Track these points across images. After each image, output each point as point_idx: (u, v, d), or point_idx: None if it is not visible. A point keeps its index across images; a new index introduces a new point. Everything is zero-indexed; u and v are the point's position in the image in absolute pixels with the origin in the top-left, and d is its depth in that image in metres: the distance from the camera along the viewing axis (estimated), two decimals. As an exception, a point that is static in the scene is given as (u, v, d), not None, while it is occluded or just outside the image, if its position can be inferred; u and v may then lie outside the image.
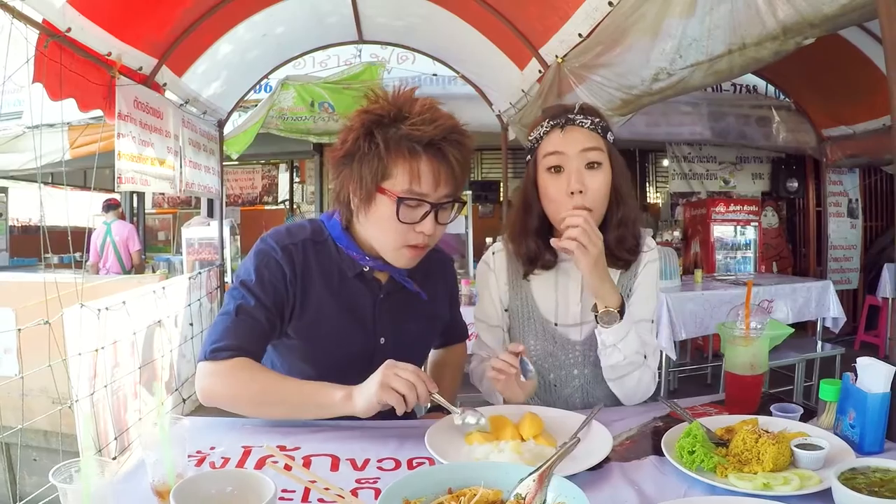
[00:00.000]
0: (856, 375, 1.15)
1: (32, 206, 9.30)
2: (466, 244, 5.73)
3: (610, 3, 2.97)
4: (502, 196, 6.19)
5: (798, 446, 1.03)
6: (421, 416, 1.48)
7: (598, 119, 1.39)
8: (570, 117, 1.37)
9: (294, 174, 9.56)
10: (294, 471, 0.93)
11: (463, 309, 3.62)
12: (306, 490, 0.94)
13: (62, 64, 2.79)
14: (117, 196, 6.98)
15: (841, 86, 5.28)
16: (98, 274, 6.01)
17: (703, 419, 1.15)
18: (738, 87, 6.59)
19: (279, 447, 1.10)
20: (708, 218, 6.38)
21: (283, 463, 0.97)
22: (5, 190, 7.68)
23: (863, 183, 6.84)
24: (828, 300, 4.52)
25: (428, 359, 1.71)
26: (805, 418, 1.24)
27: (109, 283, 3.78)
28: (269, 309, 1.26)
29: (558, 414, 1.25)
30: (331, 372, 1.20)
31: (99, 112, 3.40)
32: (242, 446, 1.13)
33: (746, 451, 1.02)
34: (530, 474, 0.83)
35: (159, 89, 3.98)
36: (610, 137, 1.39)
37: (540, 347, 1.47)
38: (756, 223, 6.43)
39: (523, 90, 4.51)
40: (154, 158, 3.85)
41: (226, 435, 1.19)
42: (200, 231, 5.89)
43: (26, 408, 2.62)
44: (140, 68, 3.69)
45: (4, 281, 3.83)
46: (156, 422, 0.90)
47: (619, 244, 1.41)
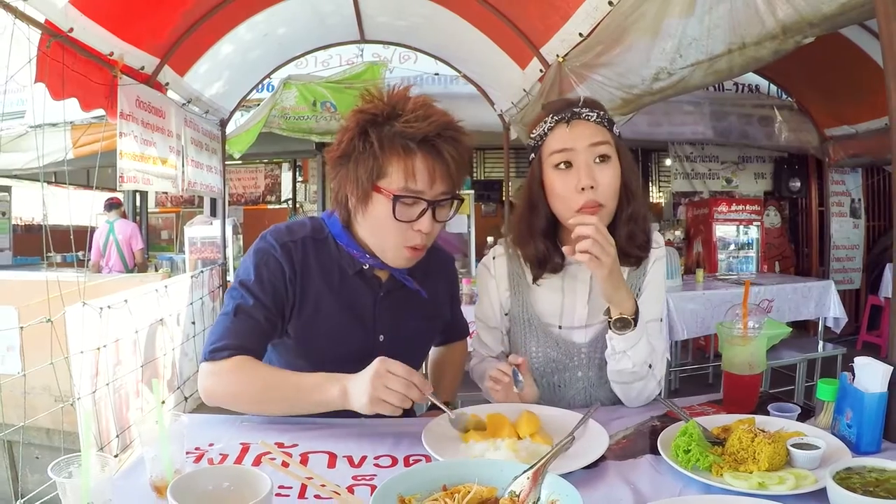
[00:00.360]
0: (853, 375, 1.15)
1: (35, 206, 9.30)
2: (469, 243, 5.74)
3: (610, 3, 2.97)
4: (504, 195, 6.19)
5: (794, 446, 1.03)
6: (420, 414, 1.49)
7: (604, 112, 1.35)
8: (576, 111, 1.32)
9: (297, 173, 9.58)
10: (291, 467, 0.94)
11: (464, 307, 3.61)
12: (303, 486, 0.95)
13: (64, 64, 2.80)
14: (119, 195, 7.01)
15: (843, 85, 5.26)
16: (101, 272, 6.03)
17: (700, 418, 1.15)
18: (741, 87, 6.57)
19: (277, 444, 1.11)
20: (710, 217, 6.36)
21: (281, 460, 0.97)
22: (9, 189, 7.69)
23: (865, 183, 6.82)
24: (829, 300, 4.51)
25: (429, 357, 1.71)
26: (803, 418, 1.24)
27: (112, 282, 3.79)
28: (269, 308, 1.26)
29: (555, 412, 1.25)
30: (329, 370, 1.20)
31: (101, 111, 3.41)
32: (240, 443, 1.14)
33: (742, 451, 1.02)
34: (525, 472, 0.84)
35: (161, 89, 3.99)
36: (616, 131, 1.36)
37: (542, 353, 1.44)
38: (758, 223, 6.41)
39: (525, 89, 4.51)
40: (156, 158, 3.86)
41: (224, 432, 1.19)
42: (203, 230, 5.89)
43: (28, 405, 2.63)
44: (142, 68, 3.70)
45: (7, 279, 3.85)
46: (156, 419, 0.91)
47: (630, 241, 1.37)
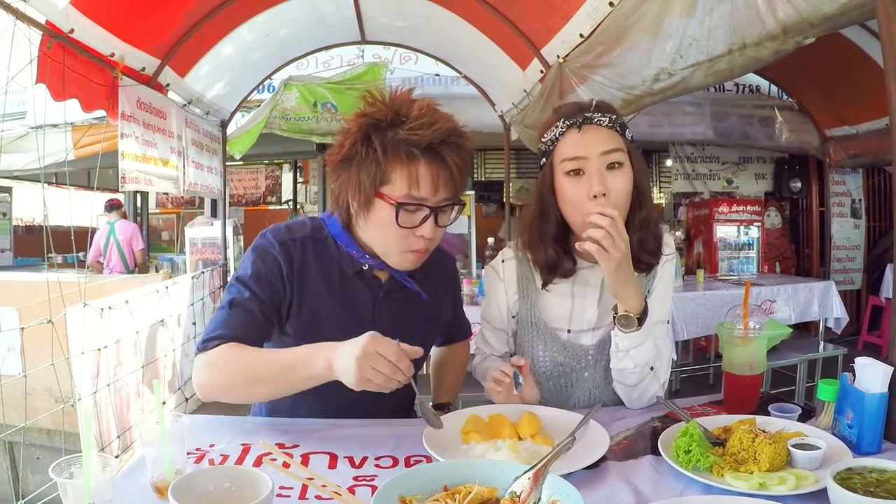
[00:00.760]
0: (854, 375, 1.15)
1: (36, 206, 9.31)
2: (469, 244, 5.73)
3: (611, 4, 2.97)
4: (505, 196, 6.18)
5: (795, 446, 1.03)
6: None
7: (616, 116, 1.32)
8: (588, 116, 1.30)
9: (297, 174, 9.58)
10: (292, 468, 0.94)
11: (466, 308, 3.60)
12: (304, 487, 0.95)
13: (65, 65, 2.80)
14: (119, 196, 7.01)
15: (844, 86, 5.26)
16: (102, 273, 6.04)
17: (701, 419, 1.15)
18: (741, 87, 6.57)
19: (278, 445, 1.11)
20: (711, 218, 6.35)
21: (282, 460, 0.97)
22: (9, 190, 7.69)
23: (866, 183, 6.82)
24: (830, 300, 4.51)
25: (431, 357, 1.71)
26: (804, 418, 1.24)
27: (112, 283, 3.80)
28: (264, 302, 1.25)
29: (556, 413, 1.25)
30: None
31: (102, 112, 3.41)
32: (241, 444, 1.14)
33: (743, 451, 1.03)
34: (525, 472, 0.84)
35: (162, 90, 3.99)
36: (628, 135, 1.33)
37: (549, 357, 1.44)
38: (759, 223, 6.39)
39: (525, 90, 4.52)
40: (157, 158, 3.87)
41: (225, 433, 1.19)
42: (204, 231, 5.89)
43: (29, 406, 2.63)
44: (143, 69, 3.70)
45: (8, 280, 3.85)
46: (156, 420, 0.91)
47: (642, 247, 1.35)
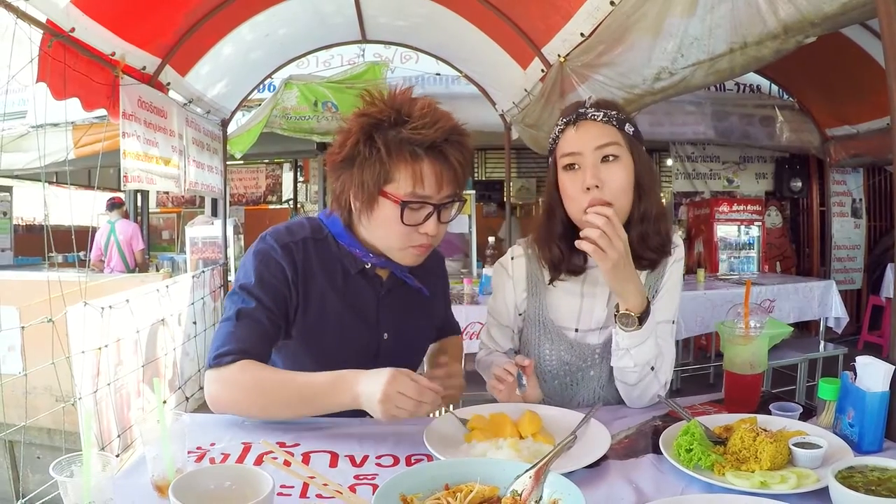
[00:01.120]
0: (855, 374, 1.15)
1: (37, 206, 9.33)
2: (470, 244, 5.73)
3: (612, 3, 2.97)
4: (506, 196, 6.19)
5: (796, 445, 1.03)
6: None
7: (614, 111, 1.33)
8: (582, 112, 1.33)
9: (298, 173, 9.58)
10: (293, 467, 0.94)
11: (466, 308, 3.59)
12: (305, 486, 0.94)
13: (66, 64, 2.80)
14: (121, 195, 7.02)
15: (844, 85, 5.26)
16: (102, 273, 6.04)
17: (702, 418, 1.15)
18: (742, 87, 6.57)
19: (278, 443, 1.10)
20: (711, 217, 6.35)
21: (283, 459, 0.97)
22: (10, 189, 7.70)
23: (867, 183, 6.82)
24: (830, 300, 4.51)
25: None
26: (805, 417, 1.24)
27: (113, 282, 3.79)
28: (271, 310, 1.24)
29: (557, 412, 1.25)
30: (334, 368, 1.20)
31: (103, 111, 3.41)
32: (242, 443, 1.14)
33: (744, 450, 1.02)
34: (527, 471, 0.84)
35: (163, 89, 3.99)
36: (628, 129, 1.33)
37: (555, 356, 1.44)
38: (759, 223, 6.40)
39: (526, 89, 4.51)
40: (159, 157, 3.87)
41: (226, 431, 1.19)
42: (204, 230, 5.89)
43: (30, 405, 2.63)
44: (143, 68, 3.70)
45: (9, 279, 3.85)
46: (157, 418, 0.91)
47: (643, 242, 1.35)
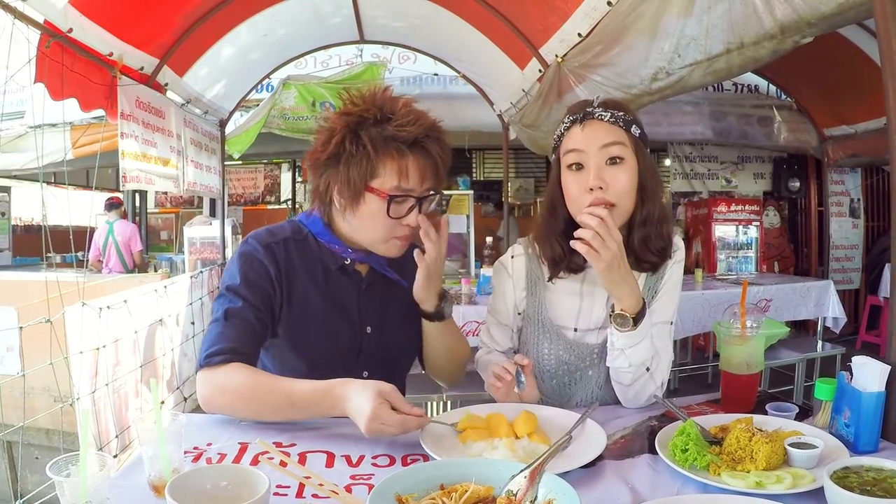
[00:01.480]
0: (851, 374, 1.15)
1: (35, 206, 9.31)
2: (468, 244, 5.73)
3: (609, 3, 2.98)
4: (504, 196, 6.19)
5: (792, 445, 1.03)
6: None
7: (622, 112, 1.32)
8: (589, 111, 1.32)
9: (296, 174, 9.57)
10: (289, 467, 0.94)
11: (463, 308, 3.58)
12: (301, 486, 0.95)
13: (64, 64, 2.80)
14: (119, 195, 7.00)
15: (842, 85, 5.27)
16: (100, 273, 6.03)
17: (698, 418, 1.15)
18: (740, 87, 6.58)
19: (275, 444, 1.11)
20: (709, 218, 6.35)
21: (279, 459, 0.97)
22: (8, 189, 7.68)
23: (864, 183, 6.83)
24: (828, 300, 4.52)
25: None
26: (801, 417, 1.24)
27: (111, 282, 3.79)
28: (258, 308, 1.28)
29: (553, 412, 1.25)
30: (321, 364, 1.21)
31: (101, 112, 3.41)
32: (238, 443, 1.14)
33: (740, 450, 1.03)
34: (522, 471, 0.84)
35: (161, 89, 3.99)
36: (635, 131, 1.32)
37: (554, 355, 1.44)
38: (757, 223, 6.40)
39: (524, 90, 4.52)
40: (158, 158, 3.87)
41: (222, 431, 1.19)
42: (202, 230, 5.89)
43: (28, 406, 2.63)
44: (141, 68, 3.70)
45: (7, 280, 3.85)
46: (154, 419, 0.91)
47: (644, 245, 1.35)
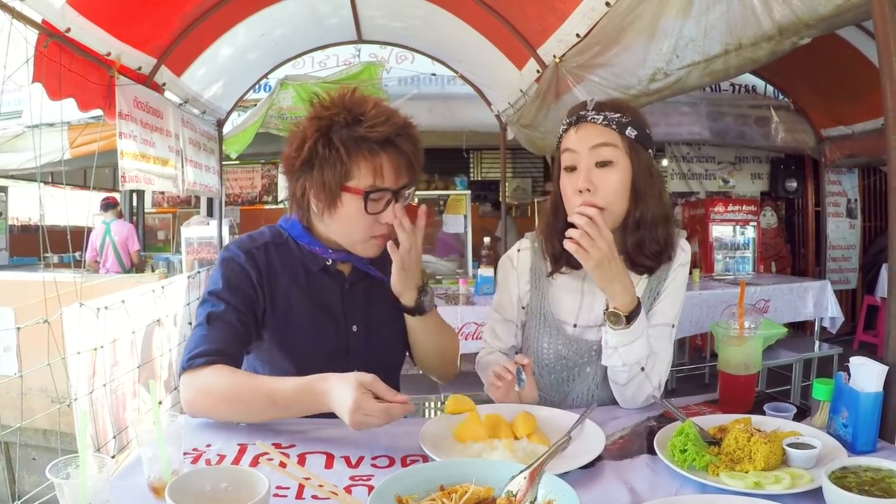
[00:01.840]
0: (849, 375, 1.15)
1: (32, 206, 9.30)
2: (465, 244, 5.73)
3: (607, 4, 2.98)
4: (501, 196, 6.19)
5: (790, 445, 1.04)
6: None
7: (618, 114, 1.32)
8: (583, 114, 1.33)
9: (294, 174, 9.53)
10: (289, 468, 0.94)
11: (461, 308, 3.58)
12: (300, 487, 0.95)
13: (61, 64, 2.79)
14: (115, 195, 6.99)
15: (840, 86, 5.28)
16: (98, 273, 6.02)
17: (697, 418, 1.16)
18: (737, 87, 6.59)
19: (274, 445, 1.10)
20: (707, 218, 6.35)
21: (278, 460, 0.97)
22: (5, 189, 7.67)
23: (861, 183, 6.85)
24: (825, 300, 4.52)
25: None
26: (799, 418, 1.24)
27: (108, 283, 3.78)
28: (240, 310, 1.29)
29: (552, 413, 1.26)
30: (310, 366, 1.20)
31: (98, 112, 3.40)
32: (238, 444, 1.14)
33: (738, 450, 1.03)
34: (521, 472, 0.84)
35: (159, 89, 3.98)
36: (630, 133, 1.31)
37: (553, 350, 1.46)
38: (755, 223, 6.40)
39: (521, 90, 4.51)
40: (157, 157, 3.86)
41: (222, 433, 1.19)
42: (200, 230, 5.90)
43: (25, 406, 2.63)
44: (139, 68, 3.69)
45: (4, 280, 3.84)
46: (153, 419, 0.91)
47: (638, 248, 1.36)
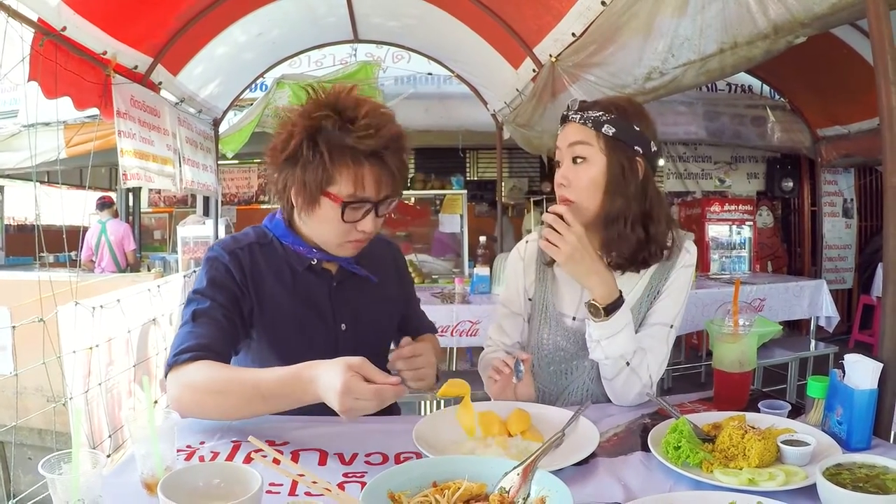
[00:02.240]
0: (844, 372, 1.15)
1: (28, 205, 9.27)
2: (461, 243, 5.73)
3: (603, 3, 2.98)
4: (498, 195, 6.18)
5: (784, 442, 1.04)
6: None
7: (598, 112, 1.34)
8: (565, 114, 1.39)
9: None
10: (282, 465, 0.94)
11: (456, 307, 3.58)
12: (294, 483, 0.95)
13: (57, 62, 2.78)
14: (111, 194, 6.97)
15: (835, 85, 5.28)
16: (93, 272, 6.00)
17: (691, 415, 1.16)
18: (733, 87, 6.60)
19: (268, 442, 1.10)
20: (703, 217, 6.36)
21: (272, 457, 0.97)
22: (1, 189, 7.66)
23: (857, 183, 6.87)
24: (821, 299, 4.53)
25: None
26: (794, 415, 1.25)
27: (104, 282, 3.77)
28: (226, 307, 1.28)
29: (546, 410, 1.26)
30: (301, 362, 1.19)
31: (95, 111, 3.39)
32: (231, 441, 1.14)
33: (733, 447, 1.03)
34: (514, 468, 0.84)
35: (155, 88, 3.97)
36: (607, 130, 1.32)
37: (552, 342, 1.48)
38: (751, 223, 6.42)
39: (518, 89, 4.51)
40: (155, 156, 3.86)
41: (215, 430, 1.19)
42: (196, 230, 5.88)
43: (21, 406, 2.61)
44: (135, 67, 3.68)
45: (-1, 279, 3.82)
46: (147, 417, 0.91)
47: (607, 245, 1.38)
